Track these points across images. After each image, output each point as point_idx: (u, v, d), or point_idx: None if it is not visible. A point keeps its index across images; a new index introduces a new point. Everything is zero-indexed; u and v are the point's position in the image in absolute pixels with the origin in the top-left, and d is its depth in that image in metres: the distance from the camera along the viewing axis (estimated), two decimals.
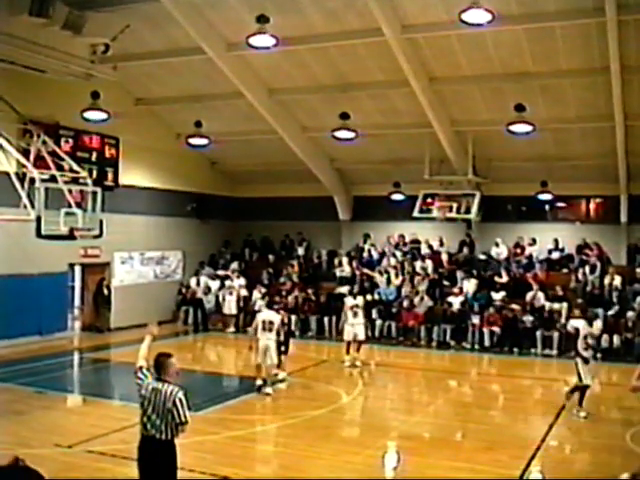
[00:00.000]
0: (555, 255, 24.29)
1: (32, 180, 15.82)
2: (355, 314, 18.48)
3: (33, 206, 15.50)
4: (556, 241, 24.38)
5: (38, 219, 15.45)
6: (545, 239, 24.57)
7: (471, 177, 23.16)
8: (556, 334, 20.41)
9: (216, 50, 18.97)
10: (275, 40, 16.26)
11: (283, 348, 16.42)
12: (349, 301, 18.89)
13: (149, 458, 7.00)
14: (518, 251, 24.68)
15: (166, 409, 6.85)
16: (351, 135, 21.64)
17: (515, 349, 20.63)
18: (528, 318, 21.05)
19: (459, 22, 14.78)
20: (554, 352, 20.29)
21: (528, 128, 19.52)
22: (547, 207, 25.44)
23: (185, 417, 6.90)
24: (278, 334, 15.56)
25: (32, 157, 17.14)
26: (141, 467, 7.06)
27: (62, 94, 19.45)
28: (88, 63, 17.05)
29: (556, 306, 21.33)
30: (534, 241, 24.55)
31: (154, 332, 7.78)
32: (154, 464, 6.98)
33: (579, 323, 14.20)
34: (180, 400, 6.88)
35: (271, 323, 15.36)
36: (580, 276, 22.87)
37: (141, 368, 7.22)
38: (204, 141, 23.83)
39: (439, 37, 17.72)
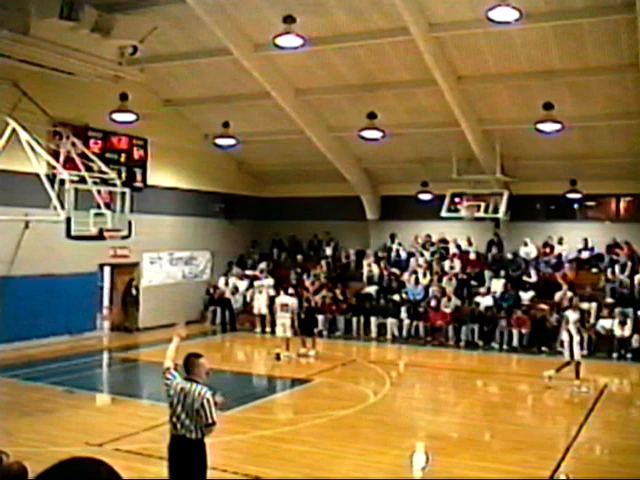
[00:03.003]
0: (585, 254, 24.10)
1: (62, 181, 16.02)
2: (578, 330, 15.96)
3: (63, 207, 15.68)
4: (585, 240, 24.18)
5: (68, 220, 15.63)
6: (574, 238, 24.35)
7: (499, 176, 23.03)
8: (586, 334, 20.20)
9: (243, 51, 19.04)
10: (302, 40, 16.28)
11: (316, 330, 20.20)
12: (573, 315, 16.15)
13: (179, 457, 7.03)
14: (547, 250, 24.50)
15: (194, 409, 6.88)
16: (378, 135, 21.58)
17: (544, 349, 20.48)
18: (557, 318, 20.86)
19: (486, 20, 14.70)
20: (584, 352, 20.07)
21: (556, 126, 19.34)
22: (576, 206, 25.23)
23: (212, 418, 6.92)
24: (293, 313, 19.06)
25: (62, 158, 17.36)
26: (171, 466, 7.09)
27: (91, 96, 19.63)
28: (116, 65, 17.16)
29: (585, 306, 21.13)
30: (563, 240, 24.36)
31: (182, 334, 7.84)
32: (184, 463, 7.01)
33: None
34: (208, 401, 6.91)
35: (286, 305, 19.11)
36: (610, 275, 22.64)
37: (169, 369, 7.28)
38: (231, 141, 23.91)
39: (466, 35, 17.65)
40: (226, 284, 25.75)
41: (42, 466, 2.33)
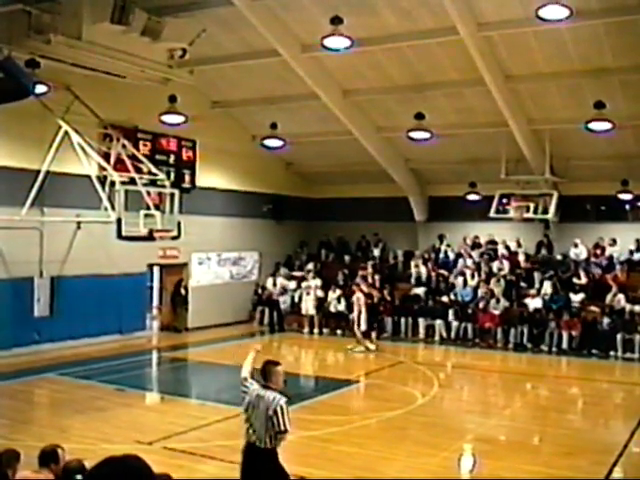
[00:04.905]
0: (637, 256, 23.68)
1: (112, 183, 16.26)
2: None
3: (113, 208, 15.92)
4: (638, 242, 23.76)
5: (118, 221, 15.86)
6: (626, 240, 23.95)
7: (548, 176, 22.74)
8: (638, 337, 19.90)
9: (291, 52, 19.10)
10: (349, 41, 16.24)
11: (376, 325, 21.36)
12: None
13: (250, 465, 7.01)
14: (598, 252, 24.13)
15: (267, 416, 6.85)
16: (426, 135, 21.44)
17: (595, 352, 20.19)
18: (608, 321, 20.56)
19: (536, 18, 14.52)
20: (636, 355, 19.78)
21: (608, 126, 18.96)
22: (628, 207, 24.76)
23: (285, 425, 6.86)
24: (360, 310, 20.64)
25: (112, 160, 17.62)
26: (243, 473, 7.10)
27: (141, 98, 19.88)
28: (166, 68, 17.33)
29: (637, 308, 20.79)
30: (614, 241, 23.98)
31: (258, 348, 7.89)
32: (255, 472, 6.99)
33: None
34: (281, 408, 6.87)
35: (358, 299, 20.81)
36: None
37: (246, 378, 7.31)
38: (279, 142, 23.95)
39: (515, 34, 17.44)
40: (274, 285, 25.83)
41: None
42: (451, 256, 26.11)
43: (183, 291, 23.70)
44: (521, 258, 24.82)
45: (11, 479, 6.01)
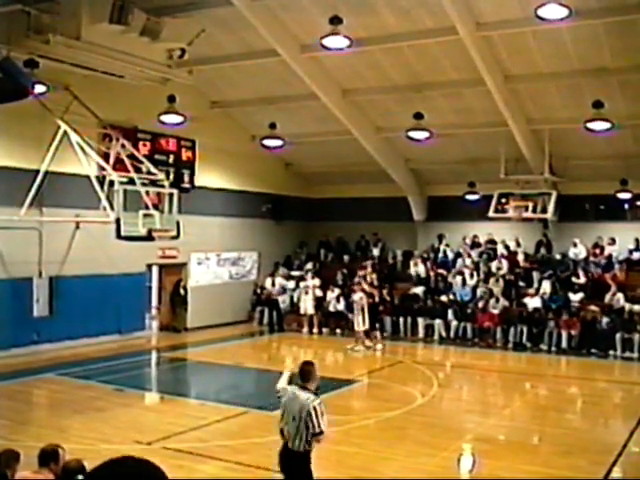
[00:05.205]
0: (636, 255, 23.68)
1: (111, 183, 16.26)
2: None
3: (112, 208, 15.92)
4: (637, 241, 23.76)
5: (117, 221, 15.86)
6: (625, 239, 23.95)
7: (547, 176, 22.73)
8: (637, 336, 19.90)
9: (290, 52, 19.09)
10: (348, 41, 16.24)
11: (378, 325, 21.50)
12: None
13: (285, 466, 7.02)
14: (597, 251, 24.14)
15: (300, 417, 6.80)
16: (425, 135, 21.44)
17: (594, 351, 20.19)
18: (607, 320, 20.56)
19: (535, 18, 14.53)
20: (635, 355, 19.78)
21: (607, 125, 18.97)
22: (627, 206, 24.77)
23: (319, 427, 6.81)
24: (362, 309, 20.53)
25: (111, 160, 17.61)
26: (282, 473, 7.12)
27: (140, 98, 19.86)
28: (165, 68, 17.32)
29: (636, 308, 20.79)
30: (613, 241, 23.98)
31: (293, 368, 7.90)
32: (288, 473, 6.99)
33: None
34: (315, 409, 6.81)
35: (360, 298, 20.77)
36: None
37: (282, 389, 7.33)
38: (279, 142, 23.94)
39: (514, 34, 17.44)
40: (272, 284, 25.81)
41: (95, 463, 2.39)
42: (450, 256, 26.11)
43: (182, 291, 23.67)
44: (520, 257, 24.82)
45: (10, 479, 6.01)
